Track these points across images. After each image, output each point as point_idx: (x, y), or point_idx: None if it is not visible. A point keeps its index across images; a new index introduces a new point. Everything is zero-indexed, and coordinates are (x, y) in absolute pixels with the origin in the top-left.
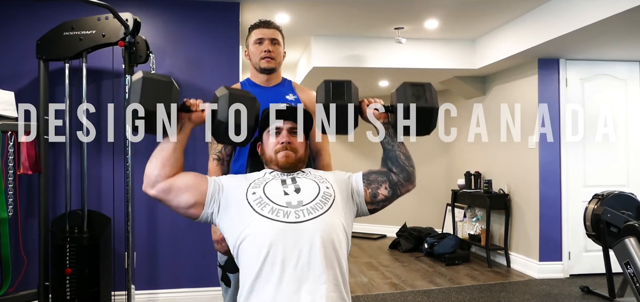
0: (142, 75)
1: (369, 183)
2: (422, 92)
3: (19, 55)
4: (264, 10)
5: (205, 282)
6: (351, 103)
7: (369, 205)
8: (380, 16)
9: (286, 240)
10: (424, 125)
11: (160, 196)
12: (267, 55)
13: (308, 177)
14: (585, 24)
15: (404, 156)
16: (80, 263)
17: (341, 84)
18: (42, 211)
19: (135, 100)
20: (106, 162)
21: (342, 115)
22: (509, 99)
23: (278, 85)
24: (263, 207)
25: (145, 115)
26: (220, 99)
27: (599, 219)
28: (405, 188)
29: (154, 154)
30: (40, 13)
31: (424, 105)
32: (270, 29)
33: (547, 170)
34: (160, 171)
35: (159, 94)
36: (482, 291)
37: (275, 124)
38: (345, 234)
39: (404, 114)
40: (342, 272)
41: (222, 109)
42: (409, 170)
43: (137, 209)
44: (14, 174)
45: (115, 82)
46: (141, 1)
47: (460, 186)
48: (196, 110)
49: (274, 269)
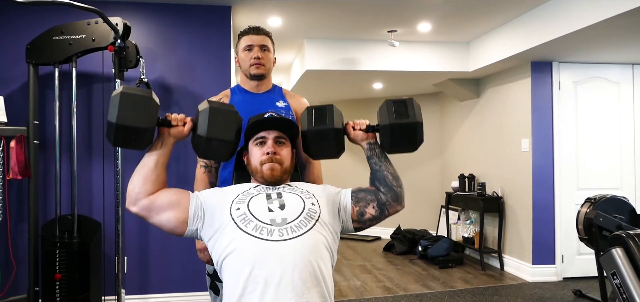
0: (121, 90)
1: (357, 201)
2: (404, 109)
3: (9, 60)
4: (256, 14)
5: (195, 287)
6: (333, 127)
7: (354, 223)
8: (373, 19)
9: (269, 259)
10: (409, 140)
11: (142, 213)
12: (257, 61)
13: (294, 192)
14: (578, 28)
15: (392, 176)
16: (70, 268)
17: (323, 109)
18: (31, 216)
19: (113, 115)
20: (96, 167)
21: (325, 140)
22: (502, 101)
23: (268, 91)
24: (247, 224)
25: (122, 130)
26: (201, 114)
27: (591, 223)
28: (393, 208)
29: (135, 171)
30: (30, 17)
31: (407, 121)
32: (260, 36)
33: (540, 173)
34: (141, 187)
35: (137, 109)
36: (475, 295)
37: (261, 133)
38: (329, 252)
39: (388, 131)
40: (328, 291)
41: (202, 123)
42: (396, 191)
43: (127, 213)
44: (3, 179)
45: (105, 87)
46: (131, 5)
47: (454, 189)
48: (176, 125)
49: (256, 287)
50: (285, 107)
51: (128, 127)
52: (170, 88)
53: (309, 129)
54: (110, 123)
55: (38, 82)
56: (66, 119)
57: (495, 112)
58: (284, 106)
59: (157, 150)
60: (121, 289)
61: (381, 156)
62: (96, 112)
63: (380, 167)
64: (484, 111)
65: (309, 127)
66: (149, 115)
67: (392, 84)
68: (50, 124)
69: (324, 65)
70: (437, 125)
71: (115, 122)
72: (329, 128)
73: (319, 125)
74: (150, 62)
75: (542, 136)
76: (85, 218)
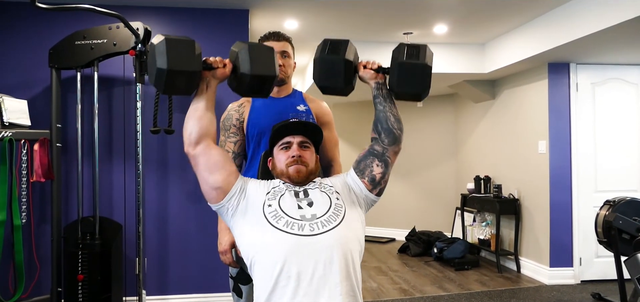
0: (164, 37)
1: (362, 172)
2: (416, 52)
3: (32, 65)
4: (273, 17)
5: (214, 288)
6: (344, 57)
7: (373, 191)
8: (389, 21)
9: (301, 253)
10: (416, 82)
11: (199, 157)
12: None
13: (319, 189)
14: (596, 30)
15: (394, 117)
16: (92, 269)
17: (338, 42)
18: (54, 217)
19: (162, 61)
20: (117, 169)
21: (334, 70)
22: (518, 103)
23: (289, 96)
24: (278, 220)
25: (173, 75)
26: (240, 53)
27: (610, 226)
28: (392, 151)
29: (187, 116)
30: (52, 22)
31: (415, 62)
32: (281, 42)
33: (557, 175)
34: (198, 125)
35: (184, 53)
36: (492, 297)
37: (286, 138)
38: (358, 245)
39: (396, 69)
40: (358, 283)
41: (244, 61)
42: (395, 133)
43: (147, 215)
44: (27, 182)
45: (126, 90)
46: (152, 10)
47: (470, 191)
48: (218, 67)
49: (289, 282)
50: (305, 111)
51: (179, 71)
52: None
53: (321, 56)
54: (161, 69)
55: (60, 86)
56: (88, 122)
57: (512, 113)
58: (305, 110)
59: (203, 93)
60: (142, 290)
61: (387, 97)
62: (117, 115)
63: (384, 107)
64: (499, 113)
65: (321, 55)
66: (196, 58)
67: None
68: (72, 127)
69: None
70: (452, 126)
71: (167, 68)
72: (340, 58)
73: (331, 54)
74: None
75: (560, 138)
76: (107, 220)
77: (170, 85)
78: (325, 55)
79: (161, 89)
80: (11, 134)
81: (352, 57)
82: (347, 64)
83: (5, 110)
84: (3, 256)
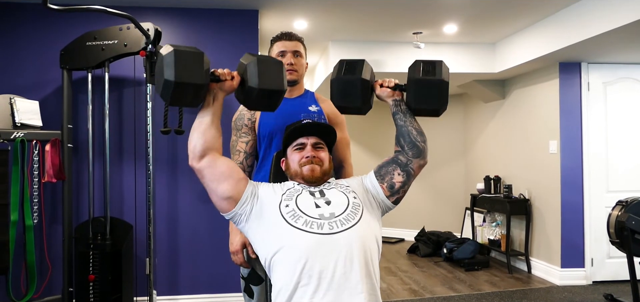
0: (173, 48)
1: (382, 178)
2: (432, 68)
3: (43, 65)
4: (282, 17)
5: (225, 288)
6: (361, 77)
7: (390, 198)
8: (398, 21)
9: (322, 252)
10: (433, 99)
11: (204, 170)
12: (290, 68)
13: (336, 189)
14: (607, 29)
15: (416, 130)
16: (103, 269)
17: (354, 62)
18: (65, 218)
19: (170, 73)
20: (128, 169)
21: (352, 90)
22: (529, 102)
23: (301, 96)
24: (297, 220)
25: (180, 87)
26: (249, 66)
27: (623, 226)
28: (417, 164)
29: (193, 129)
30: (64, 24)
31: (432, 78)
32: (293, 42)
33: (568, 175)
34: (202, 139)
35: (192, 66)
36: (503, 298)
37: (300, 139)
38: (376, 243)
39: (413, 87)
40: (377, 281)
41: (252, 75)
42: (419, 145)
43: (158, 215)
44: (39, 182)
45: (136, 91)
46: (162, 11)
47: (480, 191)
48: (226, 80)
49: (310, 281)
50: (317, 112)
51: (186, 83)
52: None
53: (338, 77)
54: (168, 81)
55: (71, 86)
56: (99, 122)
57: (522, 113)
58: (317, 110)
59: (210, 106)
60: (153, 290)
61: (406, 113)
62: (128, 116)
63: (404, 121)
64: (510, 112)
65: (337, 76)
66: (204, 71)
67: None
68: (83, 128)
69: None
70: (461, 126)
71: (174, 80)
72: (357, 78)
73: (348, 75)
74: None
75: (571, 138)
76: (118, 220)
77: (176, 97)
78: (341, 76)
79: (167, 101)
80: (23, 135)
81: (369, 77)
82: (364, 83)
83: (17, 111)
84: (15, 256)
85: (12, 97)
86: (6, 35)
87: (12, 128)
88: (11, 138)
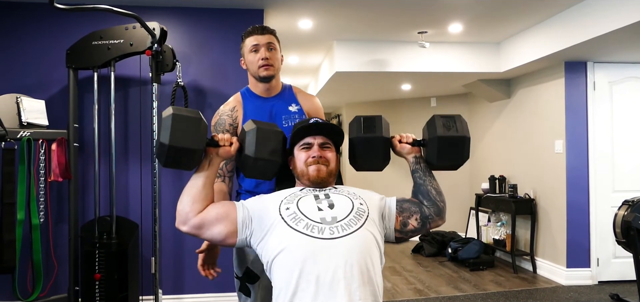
0: (172, 112)
1: (401, 211)
2: (453, 123)
3: (49, 65)
4: (287, 17)
5: (231, 288)
6: (382, 135)
7: (397, 232)
8: (403, 21)
9: (321, 257)
10: (455, 154)
11: (193, 231)
12: (265, 63)
13: (341, 194)
14: (613, 28)
15: (435, 190)
16: (109, 268)
17: (372, 118)
18: (72, 217)
19: (165, 136)
20: (133, 169)
21: (372, 149)
22: (534, 102)
23: (279, 95)
24: (298, 223)
25: (174, 151)
26: (248, 134)
27: (629, 226)
28: (435, 222)
29: (184, 191)
30: (70, 23)
31: (454, 135)
32: (265, 35)
33: (574, 175)
34: (191, 207)
35: (188, 131)
36: (508, 297)
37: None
38: (379, 250)
39: (436, 144)
40: (379, 287)
41: (250, 144)
42: (439, 205)
43: (163, 214)
44: (45, 181)
45: (142, 90)
46: (168, 10)
47: (485, 190)
48: (224, 146)
49: (309, 286)
50: (298, 112)
51: (180, 148)
52: (203, 91)
53: (358, 136)
54: (162, 144)
55: (77, 86)
56: (104, 122)
57: (527, 113)
58: (297, 110)
59: (204, 170)
60: (158, 289)
61: (425, 171)
62: (133, 115)
63: (424, 181)
64: (515, 112)
65: (357, 135)
66: (200, 136)
67: (421, 85)
68: (89, 127)
69: (353, 66)
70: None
71: (168, 144)
72: (378, 136)
73: (367, 133)
74: (185, 65)
75: (576, 137)
76: (123, 219)
77: (171, 160)
78: (362, 135)
79: (162, 162)
80: (29, 134)
81: (388, 134)
82: (385, 142)
83: (24, 110)
84: (21, 255)
85: (18, 97)
86: (13, 35)
87: (18, 127)
88: (18, 137)
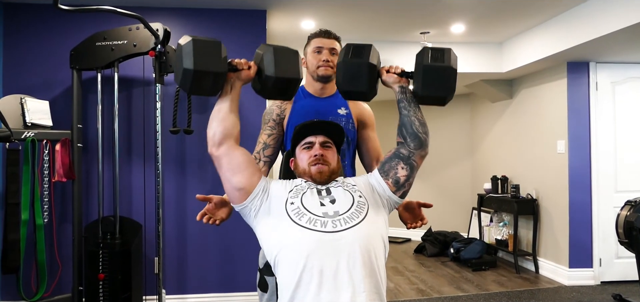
0: (192, 37)
1: (386, 174)
2: (440, 55)
3: (53, 66)
4: (290, 17)
5: (234, 287)
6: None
7: (396, 193)
8: (406, 21)
9: (324, 250)
10: (441, 86)
11: (222, 158)
12: (325, 64)
13: (341, 187)
14: (616, 28)
15: (419, 121)
16: (112, 268)
17: (361, 46)
18: (75, 217)
19: (189, 62)
20: (137, 169)
21: (359, 73)
22: (537, 102)
23: (332, 96)
24: (301, 217)
25: (199, 75)
26: (265, 55)
27: (632, 226)
28: (418, 156)
29: (211, 117)
30: (74, 24)
31: (441, 65)
32: (330, 39)
33: (576, 175)
34: (222, 126)
35: (211, 54)
36: (511, 298)
37: (308, 138)
38: (382, 242)
39: (421, 73)
40: (382, 279)
41: (269, 64)
42: (421, 137)
43: (166, 215)
44: (49, 182)
45: (145, 91)
46: (171, 11)
47: (487, 191)
48: (243, 69)
49: (312, 279)
50: (346, 115)
51: (205, 72)
52: None
53: (345, 60)
54: (187, 70)
55: (81, 86)
56: (108, 122)
57: (530, 113)
58: (345, 114)
59: (228, 94)
60: (162, 289)
61: (411, 101)
62: (137, 115)
63: (409, 111)
64: (517, 112)
65: (344, 59)
66: (222, 59)
67: None
68: (93, 128)
69: None
70: (468, 126)
71: (193, 69)
72: (364, 62)
73: (354, 58)
74: None
75: (579, 137)
76: (127, 219)
77: (196, 86)
78: (348, 59)
79: (187, 89)
80: (33, 135)
81: (376, 61)
82: (371, 68)
83: (28, 111)
84: (26, 255)
85: (22, 97)
86: (17, 36)
87: (22, 128)
88: (22, 138)
